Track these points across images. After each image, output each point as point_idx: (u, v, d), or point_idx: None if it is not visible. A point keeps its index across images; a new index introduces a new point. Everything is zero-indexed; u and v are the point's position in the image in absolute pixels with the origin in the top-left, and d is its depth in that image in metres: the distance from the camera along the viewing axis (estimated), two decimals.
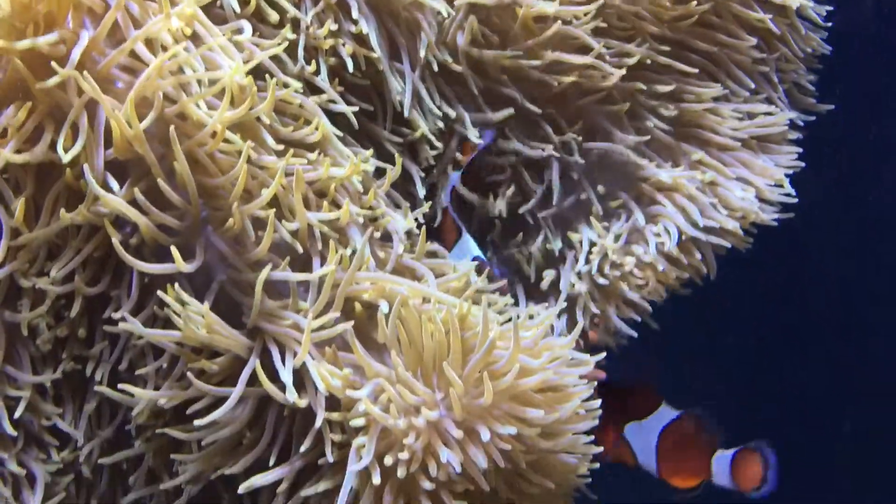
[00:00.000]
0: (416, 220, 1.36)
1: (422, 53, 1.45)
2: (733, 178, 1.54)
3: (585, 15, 1.50)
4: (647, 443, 1.52)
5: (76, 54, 1.14)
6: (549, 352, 1.16)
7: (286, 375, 1.15)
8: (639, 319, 1.59)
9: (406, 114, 1.46)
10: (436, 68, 1.48)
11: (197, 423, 1.18)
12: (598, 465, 1.28)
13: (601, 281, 1.53)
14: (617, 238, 1.53)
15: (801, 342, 2.86)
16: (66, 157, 1.13)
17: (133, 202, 1.17)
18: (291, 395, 1.15)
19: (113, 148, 1.16)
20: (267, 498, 1.23)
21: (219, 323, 1.17)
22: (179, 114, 1.19)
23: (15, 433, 1.21)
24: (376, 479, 1.10)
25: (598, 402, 1.25)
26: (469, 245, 1.49)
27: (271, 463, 1.21)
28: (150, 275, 1.21)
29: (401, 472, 1.10)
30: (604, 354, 1.28)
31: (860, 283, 2.85)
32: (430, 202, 1.47)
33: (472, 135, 1.50)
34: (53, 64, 1.12)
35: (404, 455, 1.10)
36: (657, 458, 1.53)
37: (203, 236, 1.20)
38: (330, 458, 1.14)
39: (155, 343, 1.22)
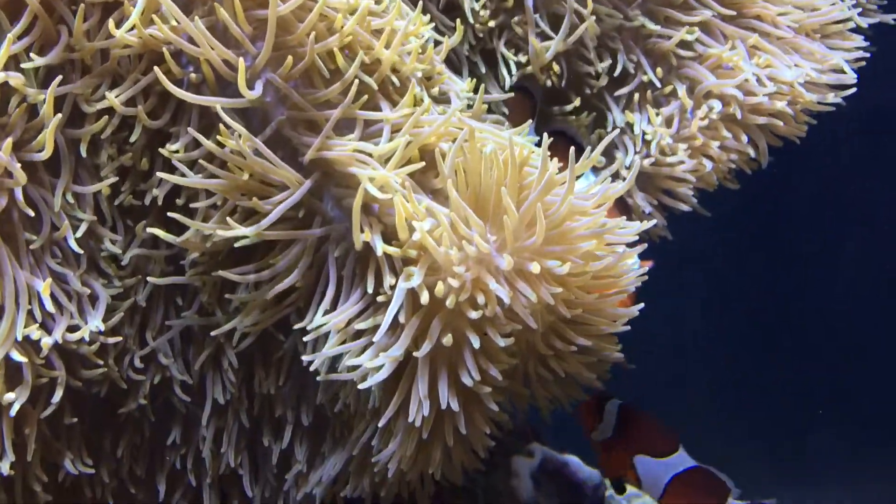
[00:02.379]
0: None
1: None
2: (787, 62, 1.52)
3: None
4: (655, 481, 1.57)
5: None
6: (600, 196, 1.16)
7: (366, 183, 1.15)
8: (687, 208, 1.60)
9: None
10: None
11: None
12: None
13: (650, 166, 1.54)
14: (667, 123, 1.53)
15: None
16: None
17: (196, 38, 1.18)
18: (376, 192, 1.15)
19: None
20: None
21: (271, 157, 1.19)
22: None
23: (80, 251, 1.25)
24: (425, 299, 1.11)
25: (646, 268, 1.27)
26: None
27: (327, 305, 1.24)
28: (210, 113, 1.23)
29: (449, 301, 1.11)
30: (654, 222, 1.28)
31: None
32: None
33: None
34: None
35: (454, 282, 1.10)
36: (663, 496, 1.58)
37: (264, 75, 1.21)
38: (388, 288, 1.16)
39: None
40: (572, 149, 1.11)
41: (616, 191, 1.19)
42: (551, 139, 1.22)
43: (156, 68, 1.19)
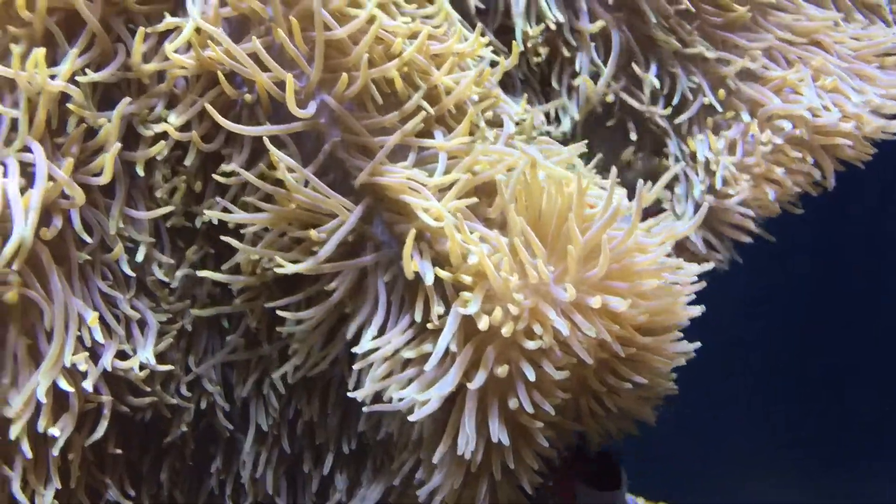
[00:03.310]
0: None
1: None
2: (852, 85, 1.48)
3: None
4: None
5: None
6: (665, 234, 1.13)
7: (421, 214, 1.13)
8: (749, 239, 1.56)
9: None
10: None
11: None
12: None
13: (711, 197, 1.51)
14: (730, 148, 1.50)
15: None
16: None
17: (252, 57, 1.17)
18: (430, 221, 1.12)
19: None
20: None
21: (322, 187, 1.17)
22: None
23: (133, 274, 1.23)
24: (483, 325, 1.07)
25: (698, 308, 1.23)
26: None
27: (374, 331, 1.21)
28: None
29: (506, 330, 1.08)
30: (712, 265, 1.24)
31: None
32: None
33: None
34: None
35: (514, 309, 1.07)
36: None
37: (319, 96, 1.19)
38: (436, 318, 1.13)
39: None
40: (640, 182, 1.08)
41: (682, 230, 1.15)
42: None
43: (207, 104, 1.17)
